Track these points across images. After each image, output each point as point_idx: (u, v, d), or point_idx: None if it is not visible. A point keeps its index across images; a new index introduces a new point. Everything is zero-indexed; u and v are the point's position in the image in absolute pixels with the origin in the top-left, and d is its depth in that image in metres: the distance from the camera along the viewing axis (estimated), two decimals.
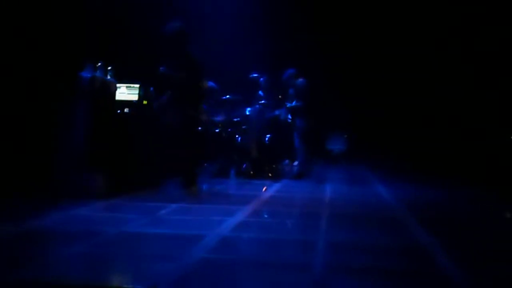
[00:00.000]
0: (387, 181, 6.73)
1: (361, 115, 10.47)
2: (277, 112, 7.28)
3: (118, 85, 5.18)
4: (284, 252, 2.95)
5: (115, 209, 4.13)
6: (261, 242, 3.16)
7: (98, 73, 4.75)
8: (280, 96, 7.27)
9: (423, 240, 3.24)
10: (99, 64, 4.78)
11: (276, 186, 6.04)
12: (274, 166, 7.08)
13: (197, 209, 4.24)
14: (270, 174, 6.84)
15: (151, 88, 5.65)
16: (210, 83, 7.50)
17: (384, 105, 10.40)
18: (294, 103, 7.03)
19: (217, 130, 7.06)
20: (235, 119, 7.21)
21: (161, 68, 4.95)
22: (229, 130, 7.12)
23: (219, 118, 7.13)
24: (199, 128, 6.99)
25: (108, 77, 4.92)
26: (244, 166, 6.86)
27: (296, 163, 7.49)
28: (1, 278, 2.23)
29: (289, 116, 7.39)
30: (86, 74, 4.67)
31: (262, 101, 7.25)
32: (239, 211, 4.09)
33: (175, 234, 3.24)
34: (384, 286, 2.36)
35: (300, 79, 7.08)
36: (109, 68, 4.93)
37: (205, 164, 6.75)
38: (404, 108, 10.27)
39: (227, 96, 7.17)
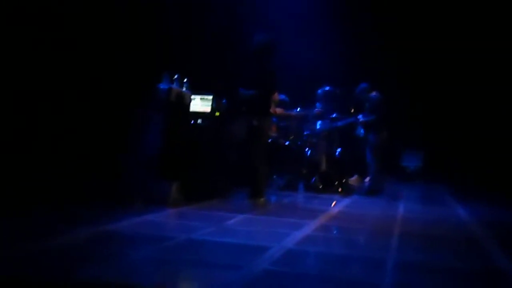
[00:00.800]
0: (467, 201, 6.33)
1: (440, 131, 9.95)
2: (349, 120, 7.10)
3: (192, 96, 5.35)
4: (350, 270, 2.85)
5: (185, 216, 4.23)
6: (326, 258, 3.09)
7: (174, 85, 4.94)
8: (352, 110, 7.12)
9: (503, 264, 2.99)
10: (176, 76, 4.96)
11: (346, 202, 5.90)
12: (344, 180, 6.94)
13: (264, 220, 4.23)
14: (339, 189, 6.70)
15: (224, 100, 5.79)
16: (282, 96, 7.55)
17: (466, 120, 9.80)
18: (366, 117, 6.87)
19: (287, 143, 7.06)
20: (306, 132, 7.18)
21: (237, 85, 5.12)
22: (299, 143, 7.09)
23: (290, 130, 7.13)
24: (268, 139, 7.07)
25: (184, 88, 5.10)
26: (313, 179, 6.78)
27: (367, 178, 7.28)
28: (69, 276, 2.35)
29: (362, 131, 7.22)
30: (163, 85, 4.86)
31: (334, 115, 7.15)
32: (306, 225, 4.03)
33: (240, 244, 3.25)
34: None
35: (374, 93, 6.91)
36: (185, 80, 5.10)
37: (274, 176, 6.76)
38: (488, 123, 9.61)
39: (297, 109, 7.15)
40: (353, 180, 7.57)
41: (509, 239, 3.85)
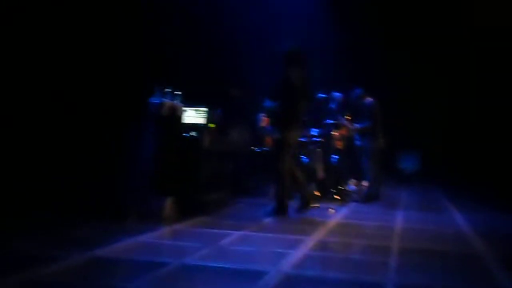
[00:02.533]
0: (464, 206, 6.24)
1: (436, 132, 9.85)
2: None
3: (186, 108, 5.24)
4: None
5: (179, 236, 4.11)
6: (324, 282, 2.97)
7: (166, 98, 4.82)
8: (348, 116, 7.00)
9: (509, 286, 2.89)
10: (168, 89, 4.85)
11: (343, 211, 5.79)
12: (341, 188, 6.83)
13: (260, 238, 4.11)
14: (337, 197, 6.59)
15: (219, 111, 5.67)
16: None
17: (462, 120, 9.70)
18: (362, 123, 6.76)
19: None
20: (301, 139, 7.04)
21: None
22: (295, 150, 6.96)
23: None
24: (265, 148, 6.95)
25: (177, 101, 4.98)
26: (310, 187, 6.65)
27: (364, 184, 7.18)
28: None
29: (357, 137, 7.12)
30: (155, 99, 4.75)
31: (329, 121, 7.03)
32: (302, 242, 3.91)
33: (235, 269, 3.13)
34: None
35: (368, 99, 6.80)
36: (178, 93, 4.98)
37: (270, 186, 6.63)
38: (486, 124, 9.49)
39: None
40: (353, 182, 7.48)
41: (510, 253, 3.74)
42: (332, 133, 6.99)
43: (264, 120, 7.24)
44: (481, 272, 3.26)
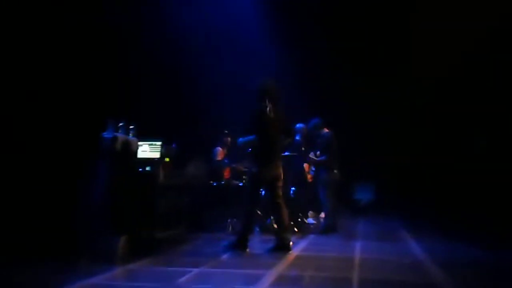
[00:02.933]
0: (421, 235, 6.34)
1: (389, 162, 10.06)
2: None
3: (140, 143, 5.10)
4: None
5: (134, 276, 3.91)
6: None
7: (119, 133, 4.68)
8: (303, 148, 7.05)
9: None
10: (121, 123, 4.72)
11: (303, 243, 5.74)
12: (299, 220, 6.79)
13: (218, 275, 3.98)
14: (295, 229, 6.54)
15: (173, 145, 5.56)
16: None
17: (416, 147, 9.94)
18: (319, 156, 6.81)
19: (240, 184, 6.87)
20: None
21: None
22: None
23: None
24: (222, 182, 6.87)
25: (130, 136, 4.84)
26: (269, 220, 6.59)
27: (322, 215, 7.19)
28: None
29: (313, 168, 7.16)
30: (108, 134, 4.60)
31: (286, 153, 7.05)
32: (262, 277, 3.82)
33: None
34: None
35: (326, 131, 6.89)
36: (131, 127, 4.86)
37: (228, 220, 6.53)
38: (439, 150, 9.77)
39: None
40: (311, 214, 7.48)
41: (468, 283, 3.79)
42: (304, 165, 7.04)
43: (220, 153, 7.20)
44: None
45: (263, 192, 6.78)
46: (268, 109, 5.10)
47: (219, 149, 7.19)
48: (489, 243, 5.67)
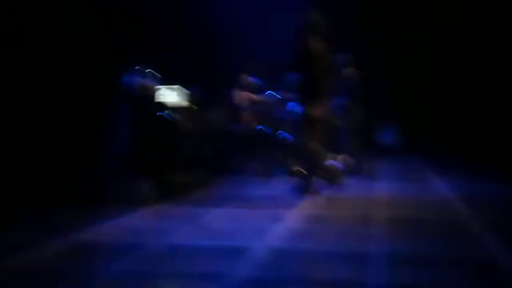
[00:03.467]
0: (447, 175, 6.26)
1: (415, 102, 9.83)
2: None
3: (160, 87, 5.06)
4: (339, 268, 2.66)
5: (161, 217, 4.00)
6: (313, 255, 2.91)
7: (139, 77, 4.64)
8: None
9: (495, 251, 2.87)
10: (140, 67, 4.66)
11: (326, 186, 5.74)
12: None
13: (242, 214, 4.05)
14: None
15: (195, 88, 5.51)
16: (252, 78, 7.29)
17: (440, 88, 9.69)
18: (340, 99, 6.66)
19: (261, 127, 6.83)
20: (279, 115, 6.94)
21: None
22: (274, 126, 6.86)
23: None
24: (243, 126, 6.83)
25: (150, 80, 4.80)
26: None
27: (347, 158, 7.14)
28: None
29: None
30: (128, 78, 4.56)
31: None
32: (286, 216, 3.85)
33: (220, 246, 3.04)
34: None
35: (349, 71, 6.70)
36: (150, 71, 4.81)
37: (251, 163, 6.56)
38: (464, 92, 9.49)
39: (269, 92, 6.90)
40: (340, 158, 7.44)
41: (492, 219, 3.75)
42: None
43: (238, 96, 7.10)
44: (468, 238, 3.25)
45: (283, 135, 6.77)
46: (313, 44, 4.75)
47: (237, 91, 7.10)
48: None
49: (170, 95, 5.24)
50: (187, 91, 5.36)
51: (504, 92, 8.56)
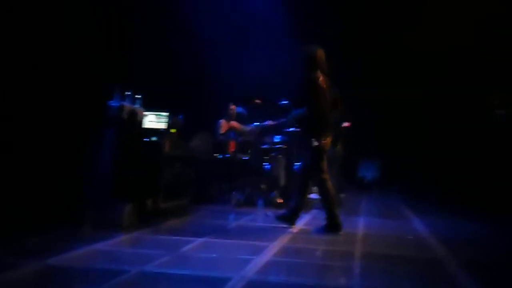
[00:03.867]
0: (424, 212, 6.36)
1: (395, 140, 10.02)
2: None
3: (146, 113, 5.10)
4: None
5: (138, 243, 3.96)
6: None
7: (126, 102, 4.67)
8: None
9: None
10: (128, 93, 4.70)
11: (306, 218, 5.78)
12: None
13: (223, 245, 4.02)
14: None
15: (180, 116, 5.56)
16: (239, 109, 7.39)
17: (421, 128, 9.90)
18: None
19: (245, 158, 6.88)
20: (264, 146, 7.02)
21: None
22: (258, 157, 6.92)
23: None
24: (226, 155, 6.88)
25: (137, 105, 4.84)
26: (273, 194, 6.63)
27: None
28: None
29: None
30: (114, 102, 4.59)
31: (291, 129, 7.01)
32: (266, 248, 3.86)
33: (198, 276, 3.03)
34: None
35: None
36: (138, 96, 4.85)
37: (233, 193, 6.57)
38: (444, 130, 9.71)
39: (256, 123, 7.00)
40: (315, 189, 7.47)
41: (470, 257, 3.82)
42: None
43: (224, 126, 7.18)
44: (442, 277, 3.30)
45: (267, 166, 6.83)
46: (319, 78, 4.80)
47: (223, 121, 7.18)
48: (490, 219, 5.70)
49: (156, 121, 5.26)
50: (173, 118, 5.39)
51: (480, 131, 8.81)
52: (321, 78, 4.82)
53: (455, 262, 3.61)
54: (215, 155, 6.86)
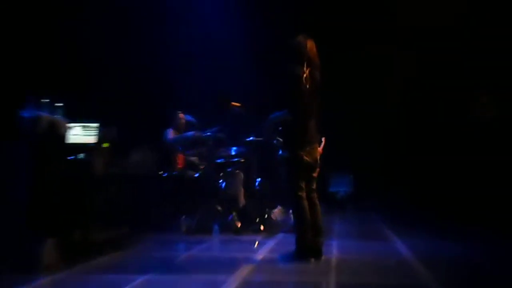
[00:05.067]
0: (403, 231, 6.37)
1: (369, 152, 10.16)
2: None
3: (70, 125, 4.87)
4: None
5: (64, 287, 3.73)
6: None
7: (43, 112, 4.44)
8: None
9: None
10: (45, 100, 4.46)
11: (270, 243, 5.66)
12: (266, 216, 6.70)
13: (170, 282, 3.84)
14: (261, 227, 6.45)
15: (114, 127, 5.34)
16: (188, 117, 7.23)
17: (396, 138, 10.11)
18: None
19: (196, 175, 6.72)
20: (219, 161, 6.88)
21: None
22: (211, 173, 6.77)
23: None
24: (173, 172, 6.69)
25: (57, 116, 4.61)
26: (230, 218, 6.48)
27: (291, 211, 7.13)
28: None
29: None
30: (28, 113, 4.35)
31: (251, 138, 6.90)
32: (223, 284, 3.69)
33: None
34: None
35: None
36: (59, 104, 4.62)
37: (182, 217, 6.38)
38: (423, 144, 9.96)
39: (208, 133, 6.84)
40: (276, 212, 7.39)
41: (457, 282, 3.79)
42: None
43: (171, 134, 6.99)
44: None
45: (223, 184, 6.67)
46: (305, 76, 4.49)
47: (171, 131, 7.02)
48: (473, 239, 5.79)
49: (83, 134, 5.02)
50: (105, 130, 5.17)
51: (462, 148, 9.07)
52: (306, 75, 4.53)
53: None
54: (159, 172, 6.65)
